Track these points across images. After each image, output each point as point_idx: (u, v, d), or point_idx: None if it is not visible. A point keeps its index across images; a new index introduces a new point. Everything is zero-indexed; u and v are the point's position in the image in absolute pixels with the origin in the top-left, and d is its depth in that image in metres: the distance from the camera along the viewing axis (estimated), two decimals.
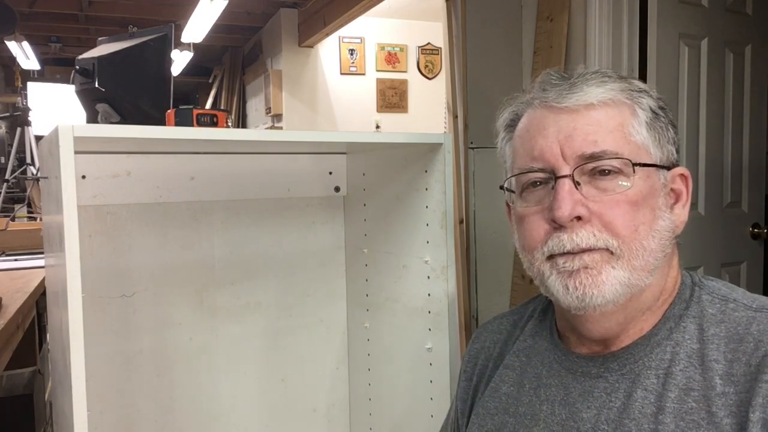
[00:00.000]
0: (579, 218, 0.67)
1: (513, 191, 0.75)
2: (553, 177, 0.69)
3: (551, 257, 0.70)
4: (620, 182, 0.67)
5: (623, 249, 0.67)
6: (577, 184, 0.68)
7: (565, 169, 0.68)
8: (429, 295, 1.21)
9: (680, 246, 0.75)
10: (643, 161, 0.69)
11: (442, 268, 1.18)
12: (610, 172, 0.68)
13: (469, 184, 2.08)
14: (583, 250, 0.67)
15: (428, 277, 1.21)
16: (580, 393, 0.72)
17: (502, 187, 0.78)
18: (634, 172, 0.67)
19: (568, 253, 0.68)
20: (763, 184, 2.35)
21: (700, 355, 0.66)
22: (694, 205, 2.12)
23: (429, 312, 1.22)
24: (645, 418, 0.65)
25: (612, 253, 0.67)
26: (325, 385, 1.54)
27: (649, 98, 0.72)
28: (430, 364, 1.22)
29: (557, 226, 0.68)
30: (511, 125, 0.78)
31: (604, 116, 0.69)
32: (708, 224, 2.16)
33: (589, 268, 0.67)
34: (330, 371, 1.55)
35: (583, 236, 0.67)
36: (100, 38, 1.66)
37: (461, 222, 2.07)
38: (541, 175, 0.71)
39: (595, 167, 0.68)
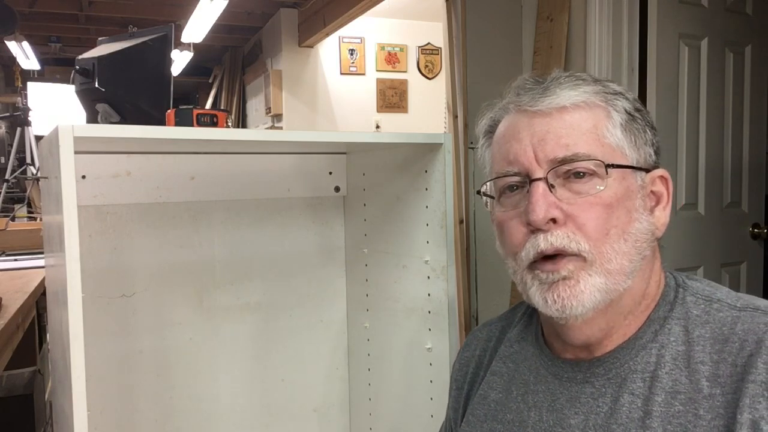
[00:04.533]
0: (554, 221, 0.67)
1: (492, 196, 0.76)
2: (528, 180, 0.70)
3: (532, 266, 0.70)
4: (594, 184, 0.67)
5: (595, 254, 0.66)
6: (551, 186, 0.68)
7: (539, 172, 0.69)
8: (429, 295, 1.21)
9: (680, 246, 0.75)
10: (617, 163, 0.68)
11: (442, 268, 1.18)
12: (584, 174, 0.68)
13: (469, 184, 2.08)
14: (558, 251, 0.67)
15: (428, 277, 1.21)
16: (567, 399, 0.72)
17: (479, 192, 0.78)
18: (607, 173, 0.67)
19: (546, 260, 0.68)
20: (763, 184, 2.35)
21: (686, 357, 0.66)
22: (693, 205, 2.13)
23: (429, 312, 1.22)
24: (632, 423, 0.65)
25: (585, 259, 0.67)
26: (325, 385, 1.54)
27: (624, 101, 0.72)
28: (430, 364, 1.22)
29: (534, 229, 0.68)
30: (490, 131, 0.78)
31: (578, 119, 0.69)
32: (708, 224, 2.16)
33: (567, 279, 0.67)
34: (330, 371, 1.55)
35: (557, 236, 0.67)
36: (100, 38, 1.66)
37: (461, 222, 2.07)
38: (516, 179, 0.71)
39: (569, 170, 0.68)
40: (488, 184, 0.76)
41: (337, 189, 1.50)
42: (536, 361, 0.79)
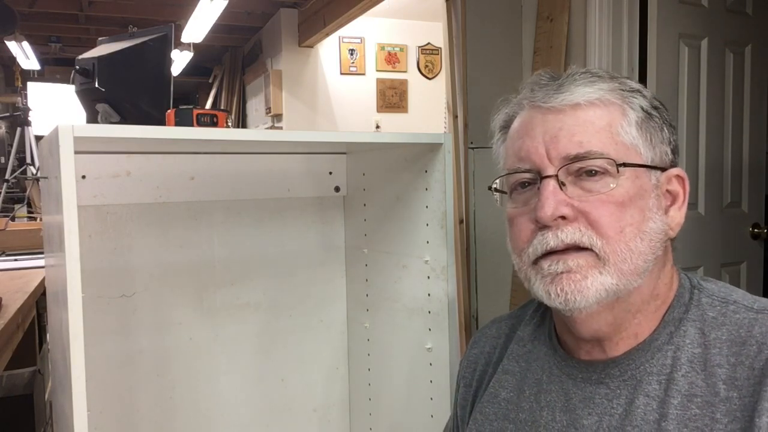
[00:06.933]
0: (563, 218, 0.66)
1: (505, 192, 0.75)
2: (539, 178, 0.69)
3: (536, 262, 0.69)
4: (606, 183, 0.66)
5: (608, 252, 0.65)
6: (561, 184, 0.67)
7: (550, 170, 0.68)
8: (429, 295, 1.21)
9: (680, 246, 0.75)
10: (631, 161, 0.67)
11: (442, 268, 1.18)
12: (596, 172, 0.67)
13: (469, 184, 2.08)
14: (568, 246, 0.66)
15: (428, 277, 1.21)
16: (581, 399, 0.71)
17: (490, 188, 0.77)
18: (618, 172, 0.66)
19: (553, 252, 0.67)
20: (763, 184, 2.35)
21: (703, 359, 0.65)
22: (693, 205, 2.13)
23: (429, 312, 1.22)
24: (647, 425, 0.65)
25: (598, 257, 0.66)
26: (325, 385, 1.54)
27: (641, 98, 0.71)
28: (430, 364, 1.22)
29: (542, 226, 0.67)
30: (505, 126, 0.78)
31: (592, 116, 0.69)
32: (708, 224, 2.16)
33: (572, 272, 0.66)
34: (330, 371, 1.55)
35: (568, 232, 0.66)
36: (100, 38, 1.66)
37: (461, 222, 2.07)
38: (527, 175, 0.71)
39: (581, 168, 0.67)
40: (500, 179, 0.76)
41: (337, 189, 1.50)
42: (549, 360, 0.78)
